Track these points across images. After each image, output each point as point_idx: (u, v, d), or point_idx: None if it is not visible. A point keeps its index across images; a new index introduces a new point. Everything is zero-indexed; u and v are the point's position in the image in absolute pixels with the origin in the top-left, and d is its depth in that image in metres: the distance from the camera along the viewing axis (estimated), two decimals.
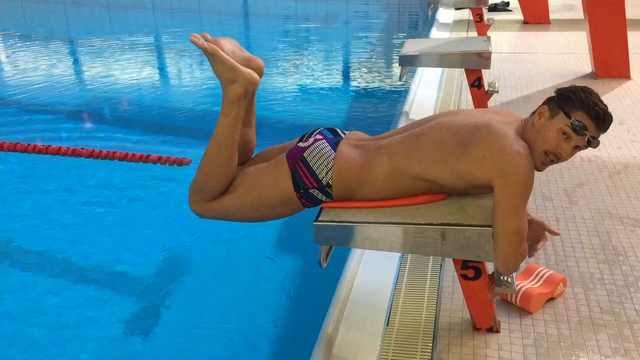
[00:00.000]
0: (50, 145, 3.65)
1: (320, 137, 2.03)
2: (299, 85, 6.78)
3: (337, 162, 1.93)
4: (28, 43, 10.07)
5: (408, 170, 1.87)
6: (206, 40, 1.90)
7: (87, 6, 13.80)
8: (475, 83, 4.17)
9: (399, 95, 4.99)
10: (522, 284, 2.23)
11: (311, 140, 2.01)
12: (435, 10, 8.17)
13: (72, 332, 2.77)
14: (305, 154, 1.96)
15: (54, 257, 3.45)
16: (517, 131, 1.84)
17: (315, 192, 1.94)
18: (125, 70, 7.76)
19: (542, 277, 2.30)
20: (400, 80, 4.29)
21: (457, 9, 8.57)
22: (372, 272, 2.45)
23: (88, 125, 5.69)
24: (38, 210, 3.85)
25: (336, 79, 7.11)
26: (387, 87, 6.40)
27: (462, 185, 1.86)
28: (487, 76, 4.78)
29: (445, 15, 8.66)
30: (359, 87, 6.76)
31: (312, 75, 7.23)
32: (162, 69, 8.42)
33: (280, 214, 2.04)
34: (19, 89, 6.89)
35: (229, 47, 1.97)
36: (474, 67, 4.05)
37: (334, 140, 2.01)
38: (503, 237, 1.74)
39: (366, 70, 7.56)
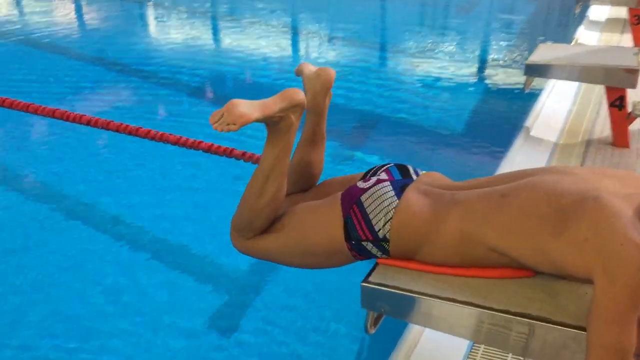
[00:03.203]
0: (141, 128, 3.57)
1: (386, 177, 1.67)
2: (415, 80, 6.33)
3: (398, 212, 1.56)
4: (158, 16, 10.36)
5: (482, 238, 1.47)
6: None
7: None
8: (616, 103, 3.54)
9: (525, 105, 4.44)
10: None
11: (373, 180, 1.66)
12: (585, 7, 7.30)
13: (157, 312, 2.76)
14: (362, 198, 1.61)
15: (136, 239, 3.44)
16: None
17: (369, 246, 1.60)
18: (248, 53, 7.70)
19: None
20: (524, 91, 3.75)
21: (613, 5, 7.61)
22: (441, 335, 2.06)
23: (195, 107, 5.68)
24: (121, 190, 3.86)
25: (456, 76, 6.54)
26: (513, 92, 5.76)
27: (550, 270, 1.42)
28: (634, 95, 4.09)
29: (597, 12, 7.73)
30: (480, 88, 6.17)
31: (432, 69, 6.72)
32: (294, 51, 8.27)
33: (327, 263, 1.72)
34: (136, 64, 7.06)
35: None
36: (615, 84, 3.43)
37: (401, 182, 1.65)
38: (598, 351, 1.29)
39: (493, 71, 6.92)
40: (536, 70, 3.58)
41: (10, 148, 4.62)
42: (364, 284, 1.57)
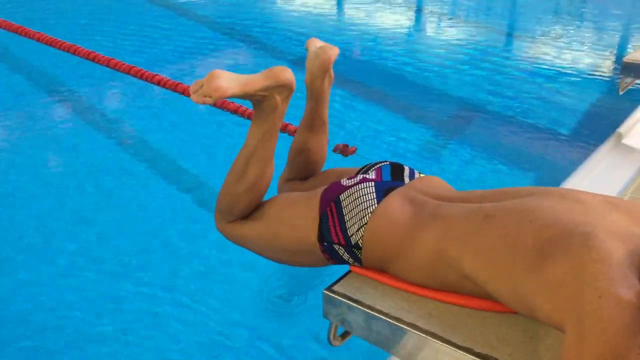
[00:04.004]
0: (180, 84, 3.61)
1: (373, 176, 1.50)
2: (526, 68, 5.86)
3: (374, 218, 1.39)
4: None
5: (457, 262, 1.26)
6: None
7: None
8: None
9: (623, 107, 3.94)
10: None
11: (359, 178, 1.49)
12: None
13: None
14: (342, 196, 1.45)
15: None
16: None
17: (341, 251, 1.44)
18: (364, 28, 7.51)
19: None
20: (619, 93, 3.32)
21: None
22: None
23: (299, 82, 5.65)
24: (201, 156, 3.93)
25: (572, 68, 5.97)
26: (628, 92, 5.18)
27: (521, 311, 1.19)
28: None
29: None
30: (594, 84, 5.58)
31: (549, 58, 6.20)
32: (411, 30, 7.99)
33: (301, 262, 1.58)
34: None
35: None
36: None
37: (388, 185, 1.46)
38: None
39: (613, 66, 6.29)
40: (635, 71, 3.15)
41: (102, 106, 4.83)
42: (326, 291, 1.42)
